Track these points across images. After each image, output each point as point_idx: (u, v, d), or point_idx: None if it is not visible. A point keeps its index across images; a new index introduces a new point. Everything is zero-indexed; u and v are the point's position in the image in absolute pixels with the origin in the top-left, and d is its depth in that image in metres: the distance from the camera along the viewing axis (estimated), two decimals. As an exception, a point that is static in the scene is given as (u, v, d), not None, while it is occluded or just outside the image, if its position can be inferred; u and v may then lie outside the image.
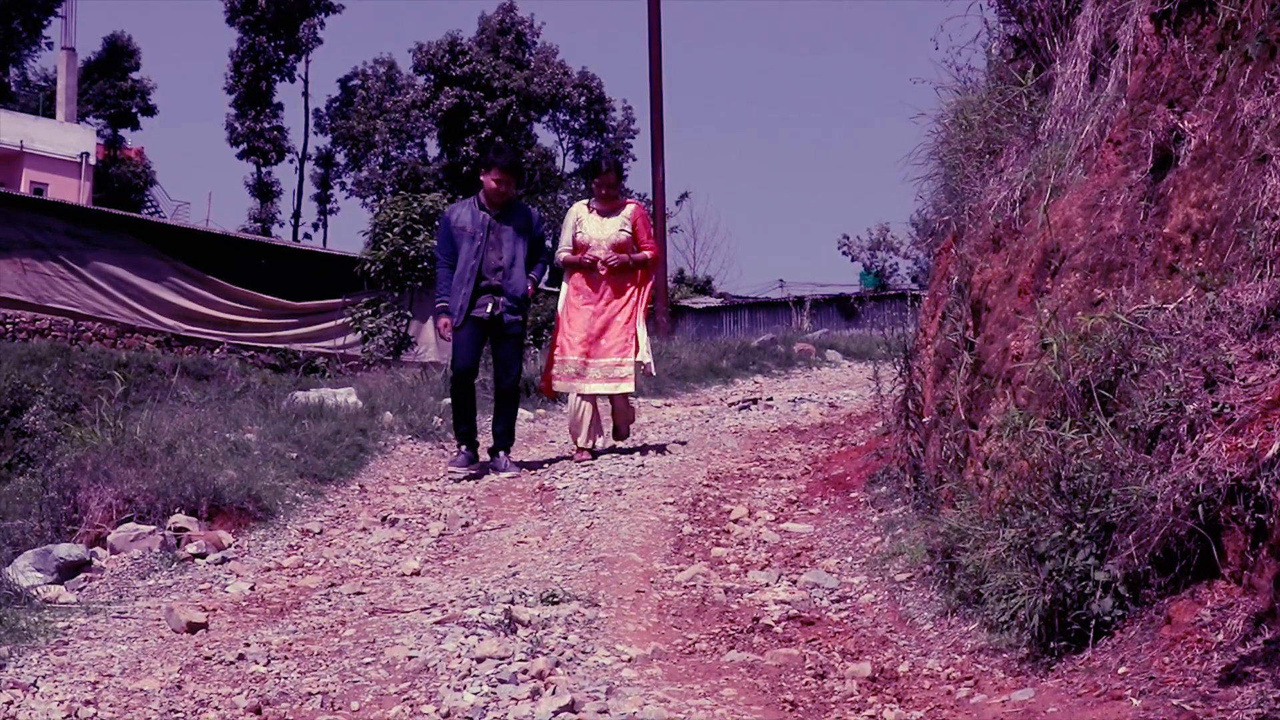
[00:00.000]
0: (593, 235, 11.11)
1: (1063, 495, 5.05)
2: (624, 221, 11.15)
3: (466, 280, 10.60)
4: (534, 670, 5.35)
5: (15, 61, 58.70)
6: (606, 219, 11.18)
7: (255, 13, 58.87)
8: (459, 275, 10.63)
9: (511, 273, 10.67)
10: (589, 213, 11.26)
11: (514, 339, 10.84)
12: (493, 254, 10.64)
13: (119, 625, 6.70)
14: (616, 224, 11.14)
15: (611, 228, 11.13)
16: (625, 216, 11.19)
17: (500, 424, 10.86)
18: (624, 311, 11.08)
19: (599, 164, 11.57)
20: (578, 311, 11.08)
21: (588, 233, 11.15)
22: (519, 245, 10.72)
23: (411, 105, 57.79)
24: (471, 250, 10.61)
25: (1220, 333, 4.79)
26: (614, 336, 11.02)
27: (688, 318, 40.51)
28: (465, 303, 10.58)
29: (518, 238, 10.73)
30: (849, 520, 8.61)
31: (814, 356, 22.05)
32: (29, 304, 27.55)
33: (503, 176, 10.68)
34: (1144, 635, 4.59)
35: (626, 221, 11.16)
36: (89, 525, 9.03)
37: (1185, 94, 5.67)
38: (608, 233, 11.10)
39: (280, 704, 5.20)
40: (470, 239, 10.64)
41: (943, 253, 8.77)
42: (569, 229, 11.29)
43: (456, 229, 10.73)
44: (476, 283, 10.59)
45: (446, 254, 10.75)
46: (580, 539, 8.18)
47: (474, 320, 10.61)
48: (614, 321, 11.06)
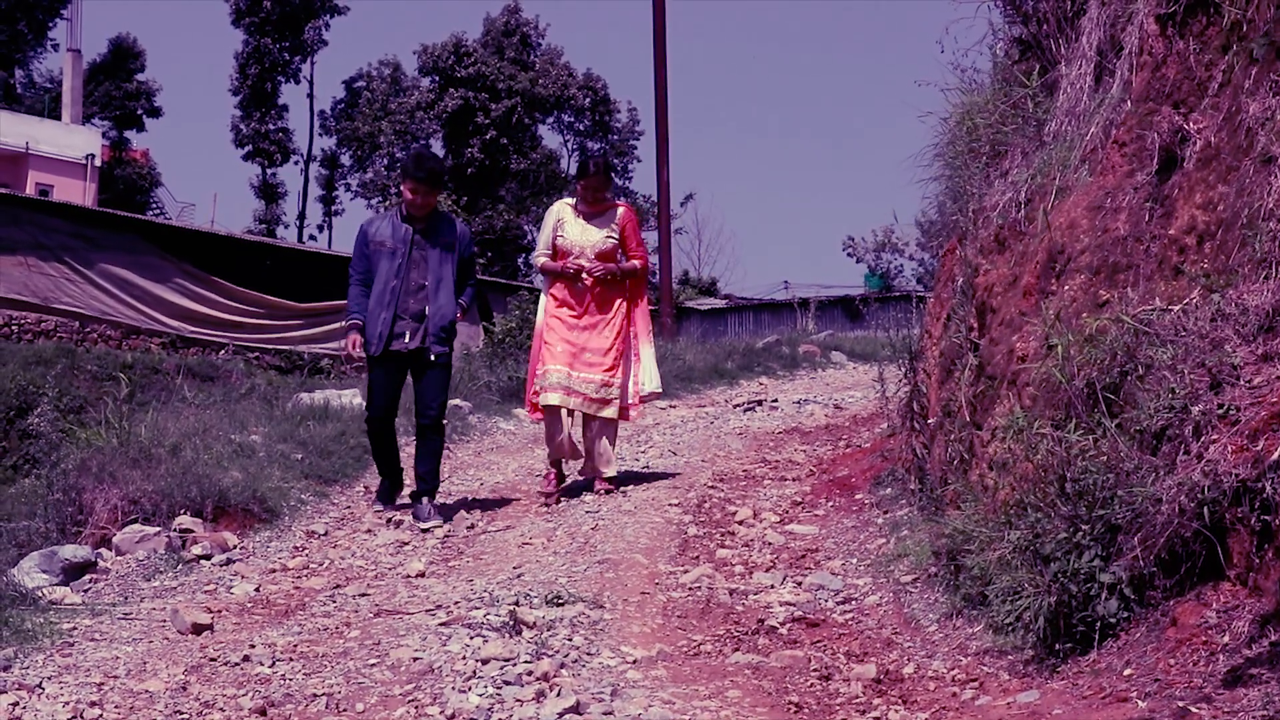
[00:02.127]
0: (575, 241, 9.87)
1: (1068, 497, 5.05)
2: (611, 227, 9.94)
3: (387, 303, 9.23)
4: (539, 672, 5.35)
5: (21, 63, 58.76)
6: (591, 223, 9.93)
7: (260, 14, 58.92)
8: (377, 297, 9.26)
9: (437, 295, 9.30)
10: (573, 215, 10.00)
11: (440, 370, 9.39)
12: (416, 273, 9.30)
13: (124, 626, 6.71)
14: (602, 229, 9.91)
15: (596, 233, 9.89)
16: (612, 221, 9.97)
17: (423, 464, 9.44)
18: (611, 326, 9.87)
19: (586, 165, 10.11)
20: (560, 323, 9.84)
21: (570, 237, 9.89)
22: (446, 264, 9.37)
23: (416, 107, 57.79)
24: (392, 269, 9.26)
25: (1226, 334, 4.79)
26: (601, 353, 9.80)
27: (693, 319, 40.48)
28: (385, 330, 9.21)
29: (445, 256, 9.38)
30: (854, 522, 8.61)
31: (819, 358, 22.08)
32: (34, 305, 27.54)
33: (419, 188, 9.33)
34: (1149, 637, 4.59)
35: (614, 227, 9.95)
36: (94, 527, 9.05)
37: (1190, 95, 5.66)
38: (592, 238, 9.87)
39: (285, 705, 5.21)
40: (390, 255, 9.29)
41: (948, 254, 8.77)
42: (548, 230, 10.05)
43: (375, 244, 9.37)
44: (397, 307, 9.25)
45: (360, 271, 9.39)
46: (585, 540, 8.18)
47: (391, 354, 9.29)
48: (601, 337, 9.83)
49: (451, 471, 11.07)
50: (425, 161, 9.68)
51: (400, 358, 9.31)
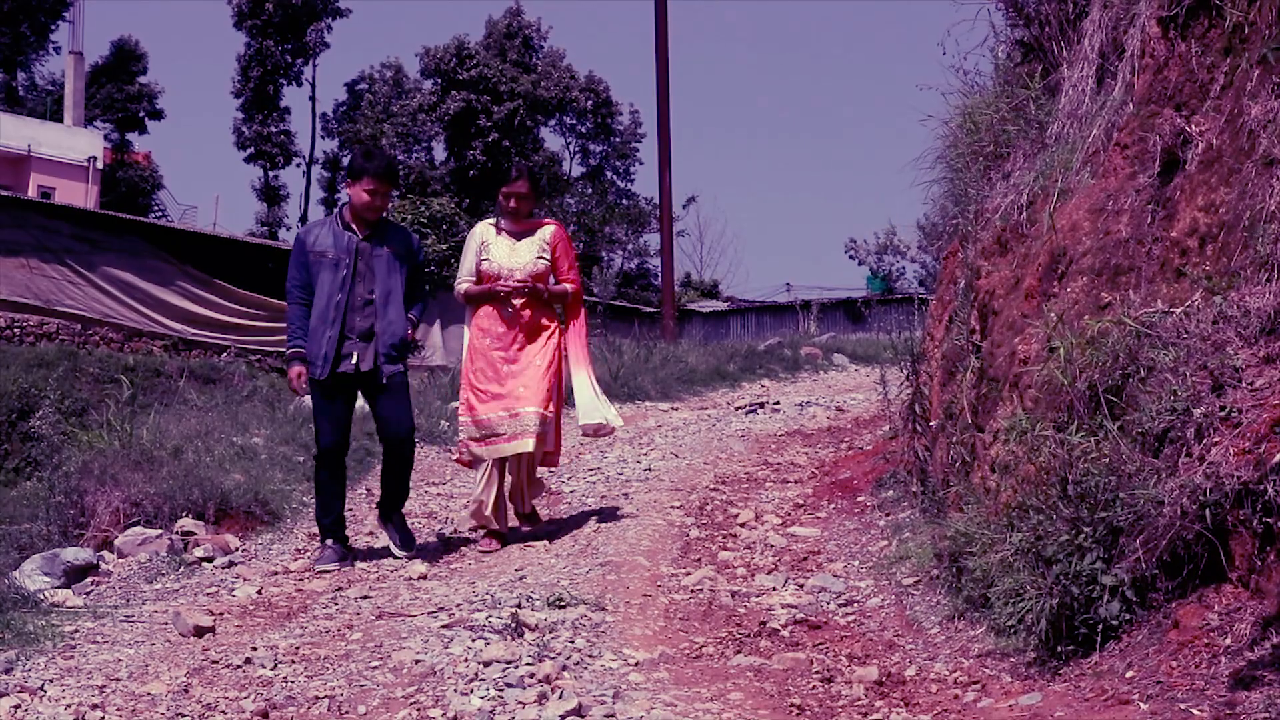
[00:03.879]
0: (501, 264, 8.65)
1: (1070, 499, 5.05)
2: (540, 246, 8.73)
3: (331, 321, 8.16)
4: (541, 674, 5.35)
5: (23, 65, 58.77)
6: (519, 242, 8.71)
7: (263, 17, 58.89)
8: (320, 314, 8.19)
9: (387, 310, 8.26)
10: (496, 235, 8.77)
11: (398, 389, 8.36)
12: (362, 286, 8.22)
13: (126, 629, 6.71)
14: (532, 249, 8.70)
15: (525, 254, 8.68)
16: (542, 240, 8.75)
17: (395, 482, 8.56)
18: (541, 356, 8.62)
19: (507, 170, 8.87)
20: (484, 360, 8.62)
21: (495, 260, 8.68)
22: (395, 275, 8.32)
23: (418, 109, 57.78)
24: (335, 282, 8.19)
25: (1228, 336, 4.79)
26: (529, 385, 8.52)
27: (694, 321, 40.53)
28: (331, 350, 8.14)
29: (394, 265, 8.33)
30: (856, 524, 8.61)
31: (821, 360, 22.09)
32: (36, 307, 27.58)
33: (377, 186, 8.30)
34: (1151, 639, 4.59)
35: (544, 246, 8.74)
36: (96, 529, 9.06)
37: (1192, 97, 5.66)
38: (520, 260, 8.66)
39: (287, 708, 5.21)
40: (333, 267, 8.21)
41: (950, 256, 8.77)
42: (470, 255, 8.79)
43: (315, 255, 8.28)
44: (344, 324, 8.19)
45: (300, 284, 8.30)
46: (587, 543, 8.19)
47: (339, 378, 8.22)
48: (531, 366, 8.58)
49: (454, 473, 11.07)
50: (380, 155, 8.74)
51: (349, 381, 8.28)
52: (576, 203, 58.10)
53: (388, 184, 8.42)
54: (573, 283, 8.90)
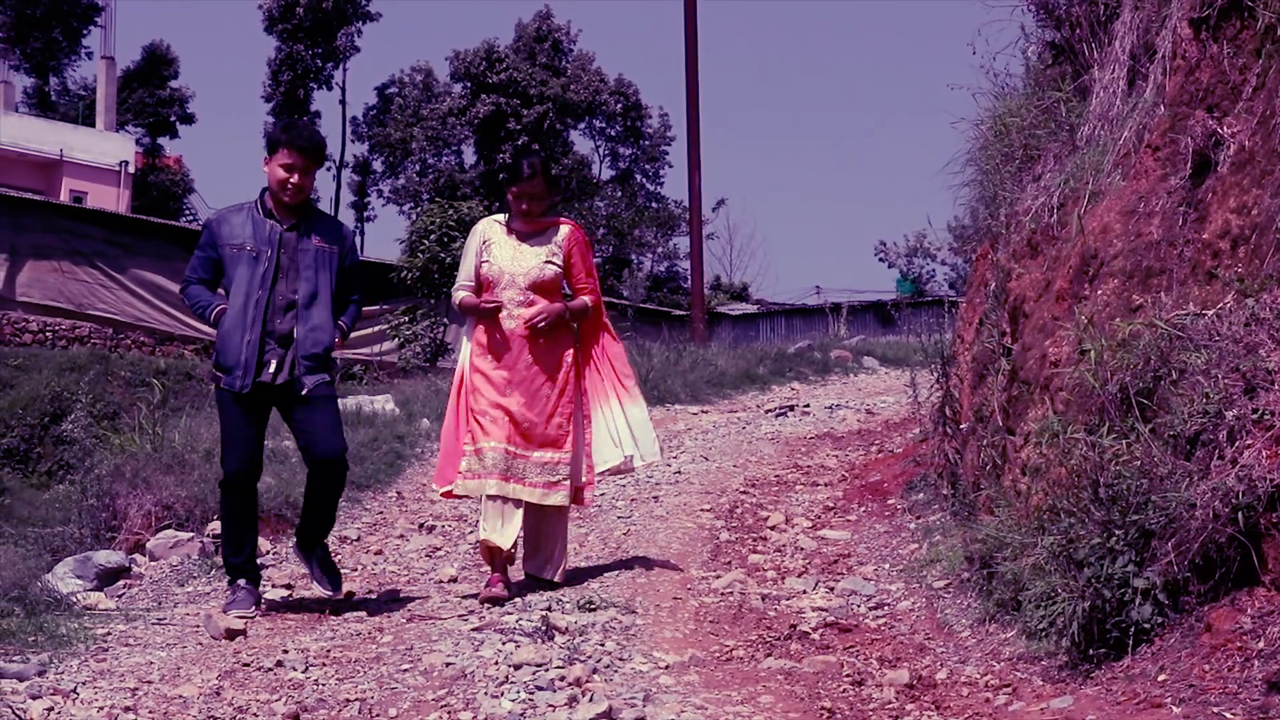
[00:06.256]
0: (504, 267, 7.36)
1: (1101, 502, 5.03)
2: (552, 249, 7.43)
3: (250, 323, 6.95)
4: (571, 677, 5.35)
5: (55, 70, 59.06)
6: (527, 244, 7.42)
7: (293, 21, 59.04)
8: (237, 315, 6.97)
9: (310, 314, 7.04)
10: (503, 234, 7.47)
11: (323, 401, 7.12)
12: (285, 284, 7.02)
13: (158, 632, 6.74)
14: (540, 253, 7.39)
15: (533, 258, 7.37)
16: (555, 243, 7.45)
17: (321, 510, 7.41)
18: (554, 384, 7.34)
19: (519, 166, 7.38)
20: (486, 381, 7.30)
21: (496, 262, 7.38)
22: (323, 273, 7.11)
23: (448, 113, 57.90)
24: (255, 278, 6.99)
25: (1260, 339, 4.76)
26: (543, 422, 7.29)
27: (724, 324, 40.49)
28: (252, 357, 6.93)
29: (322, 261, 7.12)
30: (886, 527, 8.60)
31: (851, 363, 22.04)
32: (68, 311, 27.74)
33: (295, 161, 7.06)
34: (1184, 643, 4.57)
35: (556, 250, 7.43)
36: (128, 532, 9.11)
37: (1224, 99, 5.64)
38: (526, 264, 7.36)
39: (318, 711, 5.22)
40: (252, 261, 7.01)
41: (980, 259, 8.75)
42: (470, 256, 7.52)
43: (230, 247, 7.07)
44: (264, 327, 6.98)
45: (205, 272, 7.17)
46: (617, 546, 8.19)
47: (259, 389, 7.00)
48: (541, 399, 7.30)
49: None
50: (302, 126, 7.66)
51: (265, 394, 7.06)
52: (606, 206, 58.15)
53: (309, 160, 7.12)
54: (591, 294, 7.59)
